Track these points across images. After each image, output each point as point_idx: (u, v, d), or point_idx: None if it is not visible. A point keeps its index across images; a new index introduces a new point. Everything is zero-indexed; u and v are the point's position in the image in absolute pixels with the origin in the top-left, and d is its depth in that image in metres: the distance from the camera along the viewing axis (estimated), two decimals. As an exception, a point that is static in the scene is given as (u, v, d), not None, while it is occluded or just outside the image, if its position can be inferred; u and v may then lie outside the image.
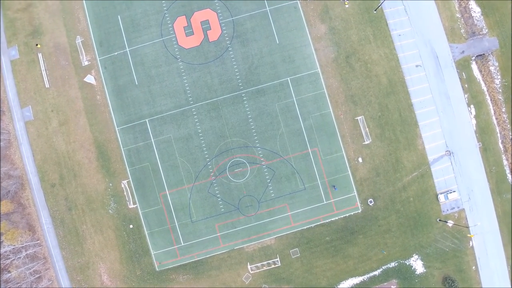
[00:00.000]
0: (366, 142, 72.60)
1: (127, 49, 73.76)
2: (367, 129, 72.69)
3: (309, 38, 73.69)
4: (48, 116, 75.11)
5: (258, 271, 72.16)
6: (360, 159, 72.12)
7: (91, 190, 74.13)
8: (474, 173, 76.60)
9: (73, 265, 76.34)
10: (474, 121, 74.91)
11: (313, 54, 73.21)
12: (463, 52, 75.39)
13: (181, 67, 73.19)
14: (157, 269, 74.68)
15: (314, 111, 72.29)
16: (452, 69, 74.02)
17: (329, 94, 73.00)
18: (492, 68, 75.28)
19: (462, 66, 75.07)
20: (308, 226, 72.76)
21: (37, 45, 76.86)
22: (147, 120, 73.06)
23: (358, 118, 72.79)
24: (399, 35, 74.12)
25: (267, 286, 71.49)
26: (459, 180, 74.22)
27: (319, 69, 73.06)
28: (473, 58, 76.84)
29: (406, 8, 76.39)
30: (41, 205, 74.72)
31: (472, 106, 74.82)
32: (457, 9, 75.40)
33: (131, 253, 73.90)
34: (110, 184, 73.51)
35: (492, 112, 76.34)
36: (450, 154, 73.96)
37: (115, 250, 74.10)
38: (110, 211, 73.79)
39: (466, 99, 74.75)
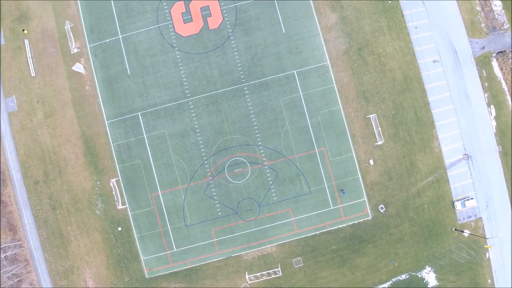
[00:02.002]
0: (378, 143, 52.58)
1: (120, 36, 55.94)
2: (379, 128, 52.87)
3: (319, 27, 53.55)
4: (33, 107, 59.78)
5: (257, 281, 53.80)
6: (371, 161, 52.25)
7: (77, 189, 58.28)
8: (493, 179, 60.84)
9: (57, 268, 60.89)
10: (494, 123, 57.62)
11: (323, 46, 53.07)
12: (483, 47, 56.29)
13: (178, 56, 53.11)
14: (146, 276, 59.85)
15: (322, 107, 52.36)
16: (471, 65, 56.44)
17: (339, 89, 52.91)
18: (514, 65, 56.31)
19: (482, 62, 56.94)
20: (313, 234, 54.19)
21: (23, 30, 61.60)
22: (139, 113, 53.48)
23: (370, 116, 53.38)
24: (416, 27, 54.22)
25: None
26: (477, 186, 59.84)
27: (328, 62, 53.09)
28: (494, 54, 61.40)
29: (423, -1, 56.79)
30: (23, 204, 57.92)
31: (492, 106, 57.04)
32: (477, 1, 56.04)
33: (119, 258, 58.90)
34: (98, 183, 56.17)
35: (515, 113, 56.82)
36: (468, 158, 55.41)
37: (101, 254, 58.68)
38: (97, 211, 57.10)
39: (486, 99, 56.21)
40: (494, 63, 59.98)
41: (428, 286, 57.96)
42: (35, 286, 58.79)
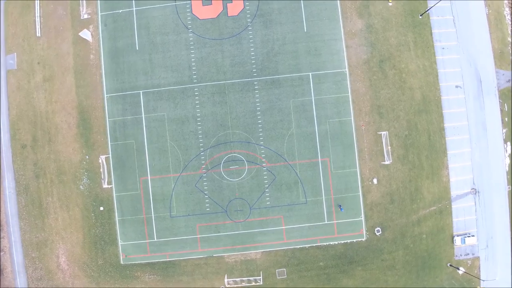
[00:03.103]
0: (385, 162, 43.12)
1: (134, 8, 48.66)
2: (389, 147, 43.54)
3: (342, 32, 43.63)
4: (33, 68, 52.55)
5: (235, 286, 45.95)
6: (375, 180, 42.85)
7: (65, 160, 51.52)
8: (498, 219, 53.21)
9: (30, 239, 53.38)
10: (508, 161, 50.16)
11: (343, 51, 43.17)
12: (509, 81, 48.08)
13: (191, 39, 43.79)
14: (121, 262, 52.39)
15: (333, 115, 42.63)
16: (494, 97, 50.72)
17: (354, 99, 43.26)
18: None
19: (506, 96, 50.00)
20: (302, 246, 44.33)
21: (36, -13, 49.67)
22: (141, 91, 44.15)
23: (382, 133, 43.79)
24: (443, 48, 44.86)
25: None
26: (480, 224, 52.84)
27: (347, 69, 43.29)
28: (519, 90, 50.22)
29: (455, 20, 53.39)
30: (7, 166, 53.39)
31: (508, 143, 49.05)
32: (510, 32, 46.91)
33: (96, 239, 51.62)
34: (87, 157, 49.33)
35: (532, 154, 50.13)
36: (475, 193, 47.56)
37: (78, 232, 51.88)
38: (81, 187, 50.85)
39: (504, 134, 47.57)
40: (518, 99, 50.16)
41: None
42: (6, 253, 49.01)
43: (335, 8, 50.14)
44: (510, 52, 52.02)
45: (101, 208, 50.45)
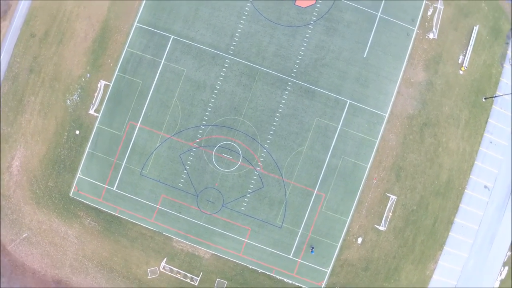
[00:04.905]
0: (379, 227, 29.64)
1: (206, -48, 31.67)
2: (390, 213, 29.17)
3: (400, 76, 29.31)
4: None
5: (168, 274, 33.07)
6: (360, 240, 30.19)
7: (66, 68, 41.40)
8: None
9: None
10: (497, 284, 36.09)
11: (392, 95, 29.12)
12: None
13: (247, 8, 30.33)
14: (70, 194, 41.84)
15: (350, 154, 29.06)
16: None
17: (379, 148, 29.53)
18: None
19: (528, 220, 31.49)
20: (255, 268, 27.33)
21: None
22: (172, 37, 31.45)
23: (391, 196, 30.24)
24: (491, 142, 31.72)
25: None
26: None
27: (387, 115, 29.43)
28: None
29: (516, 119, 34.76)
30: (7, 47, 37.94)
31: (506, 268, 34.06)
32: None
33: (57, 159, 41.23)
34: (88, 75, 39.50)
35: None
36: (452, 301, 31.30)
37: (44, 145, 41.02)
38: (68, 101, 40.57)
39: (506, 257, 31.54)
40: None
41: None
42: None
43: (405, 48, 36.80)
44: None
45: (77, 132, 37.78)
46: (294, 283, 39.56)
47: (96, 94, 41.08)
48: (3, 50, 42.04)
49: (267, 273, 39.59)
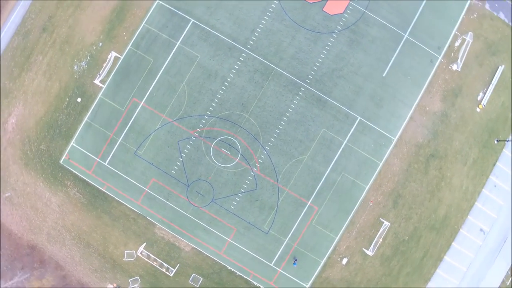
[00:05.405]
0: (367, 251, 26.14)
1: None
2: (381, 240, 25.32)
3: (416, 101, 26.18)
4: None
5: (145, 260, 28.90)
6: (344, 260, 26.22)
7: (79, 33, 36.75)
8: None
9: None
10: None
11: (405, 120, 25.55)
12: None
13: (273, 6, 26.81)
14: (60, 162, 36.97)
15: (351, 172, 25.79)
16: (506, 264, 25.61)
17: (381, 172, 26.57)
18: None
19: (519, 271, 28.27)
20: (233, 269, 23.64)
21: None
22: (192, 20, 27.50)
23: (384, 222, 25.44)
24: (495, 185, 29.20)
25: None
26: None
27: (395, 139, 25.70)
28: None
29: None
30: (24, 2, 27.64)
31: None
32: None
33: (54, 124, 37.49)
34: (100, 44, 34.92)
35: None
36: None
37: (43, 106, 37.66)
38: (75, 67, 36.79)
39: None
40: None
41: None
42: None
43: (426, 75, 33.72)
44: None
45: (79, 100, 34.91)
46: (270, 292, 36.56)
47: (104, 65, 38.09)
48: (19, 3, 39.03)
49: (245, 277, 36.58)
